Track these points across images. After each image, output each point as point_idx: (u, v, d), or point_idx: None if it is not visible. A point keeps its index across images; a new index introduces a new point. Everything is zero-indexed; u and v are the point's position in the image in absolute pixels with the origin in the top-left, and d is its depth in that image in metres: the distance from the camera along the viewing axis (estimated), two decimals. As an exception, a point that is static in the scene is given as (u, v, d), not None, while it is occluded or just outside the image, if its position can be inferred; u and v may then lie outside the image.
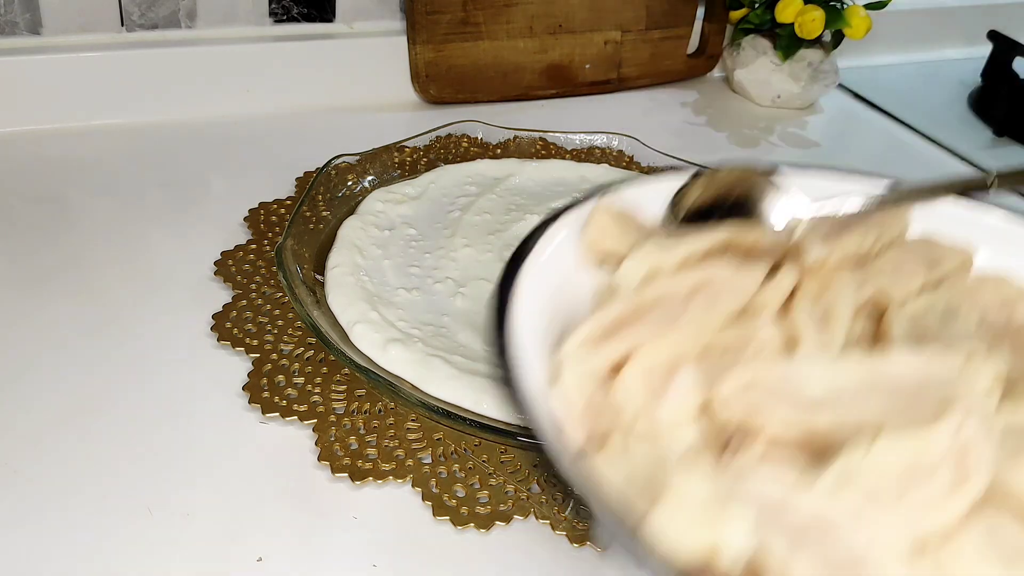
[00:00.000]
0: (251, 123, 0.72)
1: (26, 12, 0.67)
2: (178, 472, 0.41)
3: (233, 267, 0.53)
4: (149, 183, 0.63)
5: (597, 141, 0.70)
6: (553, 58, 0.81)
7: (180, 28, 0.72)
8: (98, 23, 0.69)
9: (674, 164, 0.66)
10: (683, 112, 0.84)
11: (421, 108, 0.78)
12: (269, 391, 0.45)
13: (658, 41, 0.85)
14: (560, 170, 0.65)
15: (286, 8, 0.74)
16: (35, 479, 0.40)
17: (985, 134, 0.86)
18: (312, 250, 0.53)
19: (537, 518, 0.40)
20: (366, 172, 0.61)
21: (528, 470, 0.42)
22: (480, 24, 0.76)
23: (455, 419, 0.41)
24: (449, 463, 0.42)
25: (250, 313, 0.50)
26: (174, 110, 0.71)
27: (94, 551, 0.37)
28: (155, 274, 0.53)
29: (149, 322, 0.50)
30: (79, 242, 0.56)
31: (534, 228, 0.32)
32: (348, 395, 0.45)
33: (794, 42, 0.82)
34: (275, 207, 0.60)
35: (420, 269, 0.53)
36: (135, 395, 0.45)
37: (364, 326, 0.47)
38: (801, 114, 0.86)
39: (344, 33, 0.77)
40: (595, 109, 0.82)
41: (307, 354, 0.47)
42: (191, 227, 0.58)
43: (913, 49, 1.02)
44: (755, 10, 0.83)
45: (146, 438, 0.42)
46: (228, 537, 0.38)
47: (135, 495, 0.39)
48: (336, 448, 0.42)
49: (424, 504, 0.40)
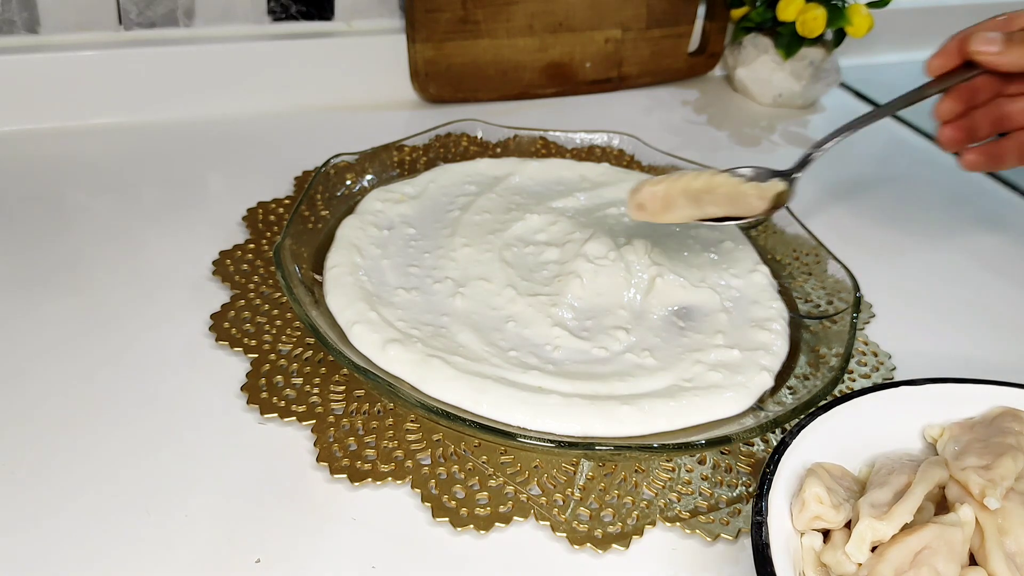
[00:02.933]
0: (249, 122, 0.72)
1: (24, 10, 0.66)
2: (176, 473, 0.40)
3: (231, 267, 0.53)
4: (147, 182, 0.62)
5: (597, 140, 0.70)
6: (553, 56, 0.80)
7: (178, 26, 0.71)
8: (96, 21, 0.69)
9: (676, 164, 0.66)
10: (684, 111, 0.84)
11: (420, 107, 0.78)
12: (267, 391, 0.44)
13: (659, 39, 0.84)
14: (560, 169, 0.65)
15: (285, 6, 0.74)
16: (32, 480, 0.39)
17: (987, 133, 0.86)
18: (311, 250, 0.53)
19: (537, 520, 0.40)
20: (365, 171, 0.60)
21: (528, 471, 0.42)
22: (480, 22, 0.76)
23: (454, 420, 0.41)
24: (448, 464, 0.41)
25: (248, 313, 0.49)
26: (172, 109, 0.71)
27: (91, 553, 0.36)
28: (153, 274, 0.53)
29: (147, 322, 0.49)
30: (76, 241, 0.55)
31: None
32: (347, 396, 0.44)
33: (795, 40, 0.82)
34: (273, 206, 0.59)
35: (419, 269, 0.53)
36: (133, 395, 0.44)
37: (363, 326, 0.46)
38: (802, 113, 0.86)
39: (343, 31, 0.76)
40: (595, 108, 0.82)
41: (306, 354, 0.47)
42: (189, 226, 0.58)
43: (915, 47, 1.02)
44: (756, 8, 0.83)
45: (144, 439, 0.42)
46: (226, 538, 0.38)
47: (133, 496, 0.39)
48: (335, 449, 0.42)
49: (423, 505, 0.40)
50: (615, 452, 0.41)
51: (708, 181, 0.49)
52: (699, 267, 0.55)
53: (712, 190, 0.49)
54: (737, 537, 0.40)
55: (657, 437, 0.43)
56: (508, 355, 0.47)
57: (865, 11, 0.81)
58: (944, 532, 0.35)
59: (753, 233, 0.61)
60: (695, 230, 0.59)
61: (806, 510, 0.37)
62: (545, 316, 0.50)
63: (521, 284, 0.52)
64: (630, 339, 0.49)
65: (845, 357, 0.46)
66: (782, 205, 0.50)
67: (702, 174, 0.50)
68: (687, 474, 0.43)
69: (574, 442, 0.41)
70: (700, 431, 0.43)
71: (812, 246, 0.57)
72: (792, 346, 0.50)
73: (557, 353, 0.47)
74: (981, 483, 0.37)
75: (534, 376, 0.45)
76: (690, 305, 0.52)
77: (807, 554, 0.36)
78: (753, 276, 0.55)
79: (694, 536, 0.40)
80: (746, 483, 0.43)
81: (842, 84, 0.92)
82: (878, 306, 0.57)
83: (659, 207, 0.50)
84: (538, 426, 0.42)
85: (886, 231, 0.68)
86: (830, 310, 0.52)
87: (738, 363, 0.48)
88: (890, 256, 0.64)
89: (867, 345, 0.53)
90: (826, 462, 0.40)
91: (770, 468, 0.38)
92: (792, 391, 0.46)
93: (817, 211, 0.64)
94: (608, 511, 0.40)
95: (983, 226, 0.70)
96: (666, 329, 0.50)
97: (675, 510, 0.41)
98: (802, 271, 0.57)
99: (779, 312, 0.53)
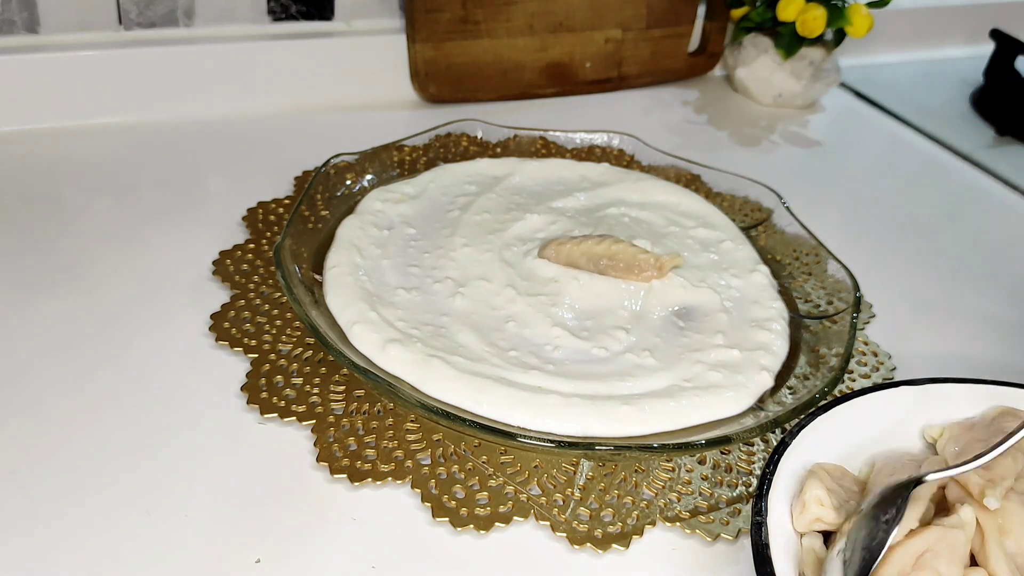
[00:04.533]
0: (249, 122, 0.72)
1: (24, 10, 0.66)
2: (176, 473, 0.40)
3: (231, 267, 0.53)
4: (147, 182, 0.62)
5: (597, 140, 0.70)
6: (553, 56, 0.80)
7: (178, 26, 0.71)
8: (96, 21, 0.69)
9: (676, 164, 0.66)
10: (684, 111, 0.84)
11: (420, 107, 0.78)
12: (267, 391, 0.44)
13: (659, 39, 0.84)
14: (560, 169, 0.65)
15: (285, 6, 0.74)
16: (32, 480, 0.39)
17: (987, 133, 0.86)
18: (311, 250, 0.53)
19: (537, 520, 0.40)
20: (365, 171, 0.60)
21: (528, 471, 0.42)
22: (480, 22, 0.76)
23: (454, 420, 0.41)
24: (448, 464, 0.41)
25: (248, 313, 0.49)
26: (172, 109, 0.71)
27: (92, 552, 0.36)
28: (153, 274, 0.53)
29: (147, 322, 0.49)
30: (76, 242, 0.55)
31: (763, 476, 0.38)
32: (347, 396, 0.44)
33: (795, 40, 0.82)
34: (273, 206, 0.59)
35: (419, 269, 0.53)
36: (133, 395, 0.44)
37: (363, 326, 0.46)
38: (803, 113, 0.86)
39: (343, 31, 0.76)
40: (595, 108, 0.82)
41: (306, 354, 0.47)
42: (189, 227, 0.58)
43: (915, 47, 1.02)
44: (756, 8, 0.83)
45: (144, 439, 0.42)
46: (226, 538, 0.38)
47: (133, 496, 0.39)
48: (335, 449, 0.42)
49: (423, 505, 0.40)
50: (615, 452, 0.41)
51: (608, 248, 0.52)
52: (699, 267, 0.55)
53: (612, 256, 0.52)
54: (737, 537, 0.40)
55: (657, 437, 0.43)
56: (508, 355, 0.47)
57: (865, 11, 0.81)
58: (946, 535, 0.35)
59: (753, 233, 0.61)
60: (695, 230, 0.60)
61: (807, 512, 0.37)
62: (545, 316, 0.50)
63: (521, 284, 0.52)
64: (630, 339, 0.49)
65: (845, 357, 0.46)
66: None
67: (604, 239, 0.53)
68: (687, 474, 0.43)
69: (574, 442, 0.41)
70: (700, 431, 0.43)
71: (812, 246, 0.57)
72: (792, 346, 0.50)
73: (557, 353, 0.47)
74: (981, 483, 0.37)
75: (534, 376, 0.45)
76: (690, 305, 0.52)
77: (807, 555, 0.36)
78: (753, 276, 0.55)
79: (694, 536, 0.40)
80: (746, 483, 0.43)
81: (842, 84, 0.92)
82: (878, 306, 0.57)
83: (561, 263, 0.53)
84: (538, 426, 0.42)
85: (886, 231, 0.68)
86: (830, 310, 0.52)
87: (738, 363, 0.48)
88: (890, 256, 0.64)
89: (867, 345, 0.53)
90: (826, 463, 0.40)
91: (770, 468, 0.38)
92: (792, 391, 0.46)
93: (817, 211, 0.64)
94: (608, 511, 0.40)
95: (983, 226, 0.70)
96: (666, 329, 0.50)
97: (675, 510, 0.41)
98: (802, 271, 0.57)
99: (779, 312, 0.53)
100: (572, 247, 0.53)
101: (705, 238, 0.59)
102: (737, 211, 0.63)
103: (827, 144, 0.81)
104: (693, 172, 0.66)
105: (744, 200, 0.64)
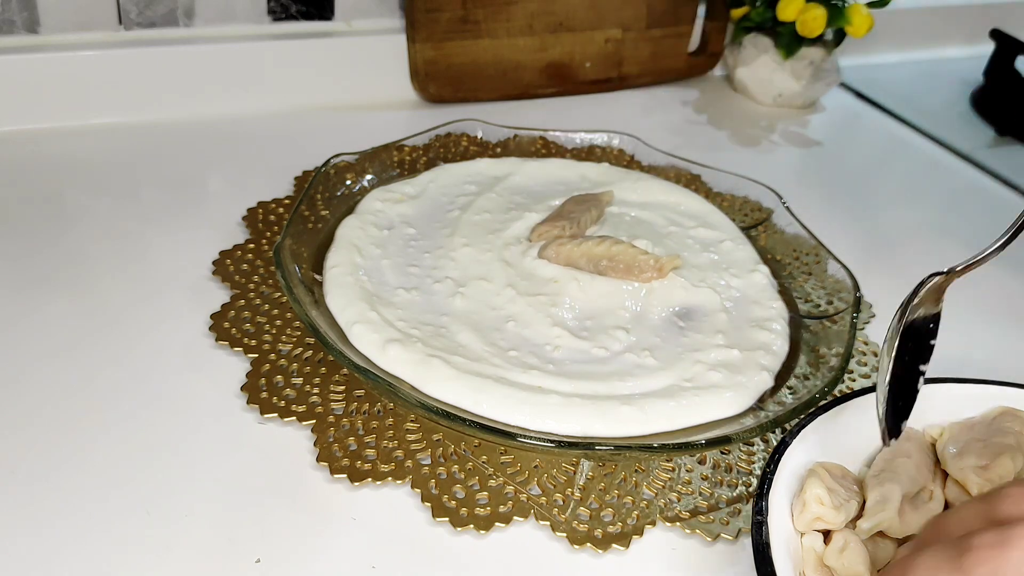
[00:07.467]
0: (249, 122, 0.72)
1: (24, 10, 0.66)
2: (176, 473, 0.40)
3: (231, 267, 0.53)
4: (147, 182, 0.62)
5: (597, 140, 0.70)
6: (553, 56, 0.80)
7: (178, 26, 0.71)
8: (96, 21, 0.69)
9: (676, 164, 0.66)
10: (684, 111, 0.84)
11: (420, 107, 0.78)
12: (267, 391, 0.44)
13: (659, 39, 0.84)
14: (560, 169, 0.65)
15: (285, 6, 0.74)
16: (33, 480, 0.39)
17: (987, 133, 0.86)
18: (311, 249, 0.53)
19: (537, 520, 0.40)
20: (365, 171, 0.60)
21: (528, 471, 0.42)
22: (480, 22, 0.76)
23: (454, 420, 0.41)
24: (448, 464, 0.41)
25: (248, 313, 0.49)
26: (172, 109, 0.71)
27: (92, 552, 0.36)
28: (153, 274, 0.53)
29: (147, 322, 0.49)
30: (76, 242, 0.55)
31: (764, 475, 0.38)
32: (347, 396, 0.44)
33: (795, 40, 0.82)
34: (273, 206, 0.59)
35: (419, 269, 0.53)
36: (133, 395, 0.44)
37: (363, 326, 0.46)
38: (802, 113, 0.86)
39: (343, 31, 0.76)
40: (595, 108, 0.82)
41: (306, 354, 0.47)
42: (189, 227, 0.58)
43: (915, 47, 1.02)
44: (756, 8, 0.83)
45: (144, 439, 0.42)
46: (226, 538, 0.38)
47: (133, 496, 0.39)
48: (335, 449, 0.42)
49: (423, 505, 0.40)
50: (615, 452, 0.41)
51: (608, 249, 0.52)
52: (699, 267, 0.55)
53: (612, 257, 0.52)
54: (737, 537, 0.40)
55: (657, 437, 0.43)
56: (508, 355, 0.47)
57: (865, 11, 0.81)
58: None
59: (753, 233, 0.61)
60: (695, 230, 0.59)
61: (807, 511, 0.37)
62: (545, 316, 0.50)
63: (521, 284, 0.52)
64: (630, 339, 0.49)
65: (845, 357, 0.46)
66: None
67: (604, 240, 0.53)
68: (687, 474, 0.43)
69: (574, 442, 0.41)
70: (700, 431, 0.43)
71: (812, 246, 0.57)
72: (792, 346, 0.50)
73: (557, 353, 0.47)
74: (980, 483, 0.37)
75: (534, 376, 0.45)
76: (690, 305, 0.52)
77: (808, 554, 0.36)
78: (753, 276, 0.55)
79: (694, 536, 0.40)
80: (746, 483, 0.43)
81: (842, 84, 0.92)
82: (878, 306, 0.57)
83: (561, 263, 0.53)
84: (538, 426, 0.42)
85: (886, 231, 0.68)
86: (830, 310, 0.52)
87: (738, 363, 0.48)
88: (890, 256, 0.64)
89: (867, 345, 0.53)
90: (827, 462, 0.40)
91: (770, 468, 0.38)
92: (792, 391, 0.46)
93: (817, 211, 0.64)
94: (608, 511, 0.40)
95: (983, 226, 0.70)
96: (666, 329, 0.50)
97: (675, 510, 0.41)
98: (802, 271, 0.57)
99: (779, 312, 0.53)
100: (572, 248, 0.53)
101: (705, 238, 0.59)
102: (737, 211, 0.63)
103: (827, 144, 0.81)
104: (693, 172, 0.66)
105: (744, 200, 0.64)
